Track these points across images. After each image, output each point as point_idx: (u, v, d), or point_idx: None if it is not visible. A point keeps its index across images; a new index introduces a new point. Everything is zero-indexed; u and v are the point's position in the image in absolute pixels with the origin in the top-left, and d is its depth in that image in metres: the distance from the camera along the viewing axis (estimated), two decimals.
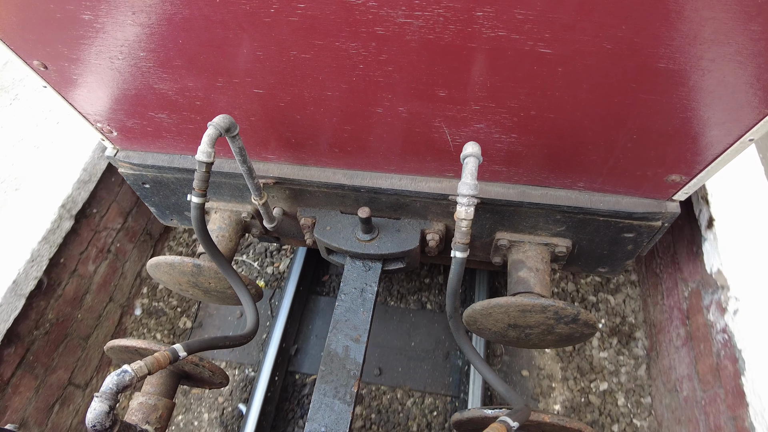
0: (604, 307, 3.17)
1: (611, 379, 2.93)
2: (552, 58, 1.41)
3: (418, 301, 3.32)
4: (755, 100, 1.44)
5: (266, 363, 2.96)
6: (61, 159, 2.83)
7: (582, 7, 1.26)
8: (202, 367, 1.90)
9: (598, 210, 1.98)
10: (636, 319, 3.09)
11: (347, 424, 1.86)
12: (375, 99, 1.69)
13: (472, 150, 1.62)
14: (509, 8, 1.29)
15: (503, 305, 1.94)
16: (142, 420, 1.80)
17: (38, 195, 2.69)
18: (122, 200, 3.20)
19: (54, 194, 2.70)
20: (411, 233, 2.22)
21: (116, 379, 1.32)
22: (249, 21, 1.46)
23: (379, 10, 1.35)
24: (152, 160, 2.25)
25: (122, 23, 1.54)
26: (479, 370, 1.91)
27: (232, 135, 1.77)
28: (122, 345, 1.88)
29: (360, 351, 2.03)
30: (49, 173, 2.78)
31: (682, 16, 1.23)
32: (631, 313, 3.12)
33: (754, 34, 1.24)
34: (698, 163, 1.74)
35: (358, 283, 2.21)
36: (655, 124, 1.59)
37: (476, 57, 1.45)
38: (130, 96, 1.89)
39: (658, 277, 2.90)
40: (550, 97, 1.55)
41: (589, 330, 2.00)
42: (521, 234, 2.20)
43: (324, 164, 2.13)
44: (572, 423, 1.76)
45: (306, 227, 2.34)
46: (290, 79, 1.67)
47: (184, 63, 1.68)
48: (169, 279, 2.29)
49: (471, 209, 1.60)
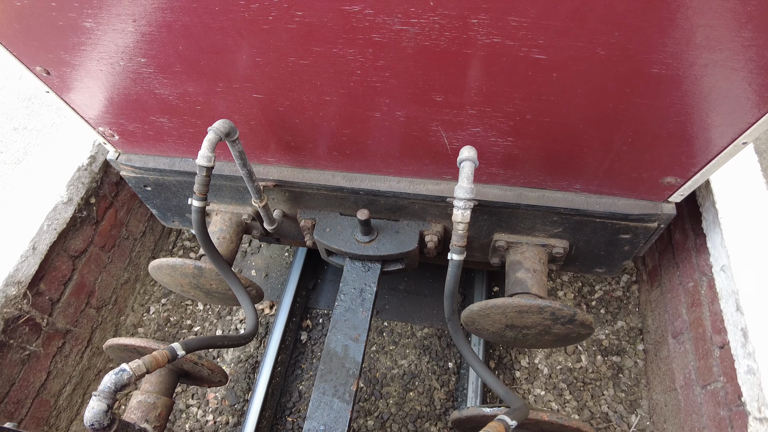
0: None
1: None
2: (546, 63, 1.43)
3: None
4: (747, 105, 1.45)
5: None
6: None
7: (575, 14, 1.27)
8: (201, 365, 1.93)
9: (594, 212, 2.00)
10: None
11: (346, 423, 1.89)
12: (373, 104, 1.71)
13: (469, 154, 1.64)
14: (504, 15, 1.31)
15: (500, 306, 1.96)
16: (141, 418, 1.83)
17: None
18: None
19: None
20: (409, 235, 2.25)
21: (114, 378, 1.35)
22: (248, 28, 1.49)
23: (375, 17, 1.37)
24: (154, 163, 2.27)
25: (123, 30, 1.56)
26: (477, 371, 1.93)
27: (232, 139, 1.79)
28: (121, 344, 1.91)
29: (359, 350, 2.06)
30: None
31: (674, 23, 1.25)
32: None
33: (745, 40, 1.26)
34: (693, 165, 1.76)
35: (357, 284, 2.23)
36: (650, 127, 1.61)
37: (472, 63, 1.47)
38: (131, 101, 1.92)
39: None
40: (545, 101, 1.57)
41: (586, 330, 2.02)
42: (519, 235, 2.22)
43: (323, 167, 2.15)
44: (570, 421, 1.78)
45: (306, 229, 2.36)
46: (289, 85, 1.69)
47: (185, 69, 1.70)
48: (171, 280, 2.32)
49: (467, 212, 1.62)
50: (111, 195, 2.95)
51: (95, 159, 2.76)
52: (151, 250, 3.43)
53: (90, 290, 2.88)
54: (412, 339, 3.13)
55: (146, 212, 3.32)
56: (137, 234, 3.25)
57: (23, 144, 2.92)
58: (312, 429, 1.88)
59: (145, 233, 3.34)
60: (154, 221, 3.43)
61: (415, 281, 3.36)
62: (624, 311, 3.15)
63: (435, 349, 3.07)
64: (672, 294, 2.70)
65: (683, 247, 2.61)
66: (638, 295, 3.21)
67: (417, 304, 3.27)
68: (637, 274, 3.26)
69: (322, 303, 3.33)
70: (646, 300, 3.08)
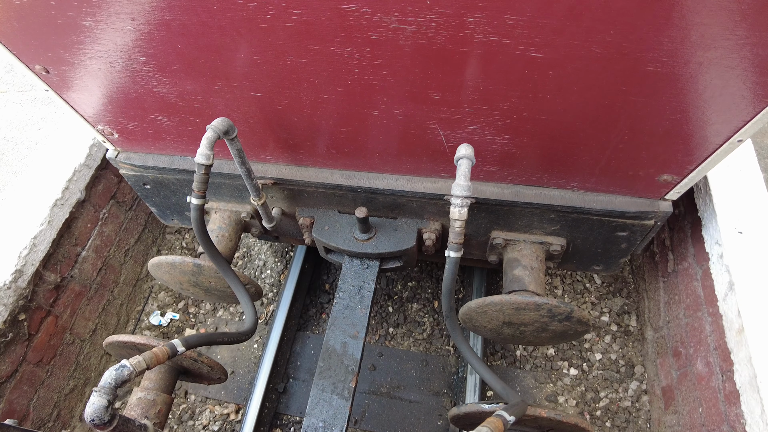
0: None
1: None
2: (543, 62, 1.44)
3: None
4: (743, 102, 1.46)
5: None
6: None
7: (571, 13, 1.28)
8: (201, 362, 1.94)
9: (591, 209, 2.01)
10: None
11: (345, 419, 1.90)
12: (370, 102, 1.72)
13: (465, 152, 1.65)
14: (500, 14, 1.32)
15: (498, 303, 1.97)
16: (141, 415, 1.83)
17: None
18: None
19: None
20: (408, 232, 2.26)
21: (115, 374, 1.36)
22: (246, 27, 1.49)
23: (372, 16, 1.38)
24: (153, 161, 2.28)
25: (122, 29, 1.57)
26: (475, 368, 1.94)
27: (230, 138, 1.80)
28: (121, 340, 1.92)
29: (358, 347, 2.07)
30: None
31: (669, 22, 1.25)
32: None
33: (740, 38, 1.26)
34: (689, 163, 1.77)
35: (356, 281, 2.25)
36: (646, 125, 1.62)
37: (469, 61, 1.48)
38: (130, 99, 1.92)
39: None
40: (541, 99, 1.58)
41: (583, 327, 2.03)
42: (516, 233, 2.23)
43: (322, 165, 2.16)
44: (568, 417, 1.79)
45: (305, 227, 2.37)
46: (287, 83, 1.70)
47: (183, 67, 1.71)
48: (170, 278, 2.33)
49: (464, 210, 1.63)
50: (48, 303, 2.65)
51: (22, 272, 2.44)
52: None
53: (22, 415, 2.57)
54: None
55: (96, 309, 3.01)
56: (86, 334, 2.95)
57: None
58: (311, 426, 1.89)
59: (96, 330, 3.02)
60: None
61: (400, 381, 2.96)
62: (633, 426, 2.75)
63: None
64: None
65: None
66: (649, 410, 2.78)
67: (402, 411, 2.84)
68: (648, 383, 2.85)
69: (294, 408, 2.91)
70: (658, 420, 2.64)
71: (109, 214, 3.06)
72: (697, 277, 2.37)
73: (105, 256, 3.07)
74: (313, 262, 3.44)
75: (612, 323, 3.09)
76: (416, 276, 3.35)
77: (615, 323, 3.09)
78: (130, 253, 3.31)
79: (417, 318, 3.20)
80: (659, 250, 2.85)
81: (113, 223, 3.12)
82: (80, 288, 2.89)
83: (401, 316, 3.21)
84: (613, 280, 3.22)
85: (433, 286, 3.31)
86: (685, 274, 2.49)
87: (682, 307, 2.49)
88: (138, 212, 3.35)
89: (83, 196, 2.81)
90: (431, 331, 3.16)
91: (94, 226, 2.97)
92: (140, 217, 3.38)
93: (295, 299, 3.19)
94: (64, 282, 2.76)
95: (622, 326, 3.07)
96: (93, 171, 2.85)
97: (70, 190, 2.70)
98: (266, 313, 3.31)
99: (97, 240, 2.98)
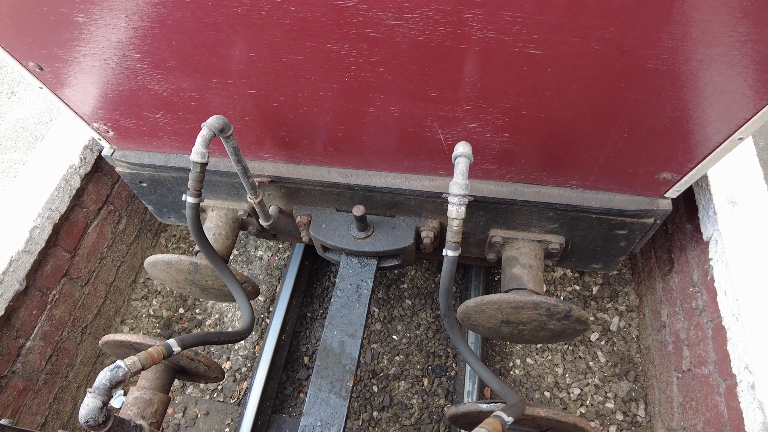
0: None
1: None
2: (541, 59, 1.42)
3: None
4: (743, 100, 1.45)
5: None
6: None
7: (570, 9, 1.26)
8: (197, 361, 1.93)
9: (590, 207, 2.00)
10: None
11: (342, 419, 1.89)
12: (367, 99, 1.70)
13: (463, 150, 1.63)
14: (498, 10, 1.30)
15: (496, 302, 1.96)
16: (137, 415, 1.83)
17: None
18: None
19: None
20: (405, 231, 2.24)
21: (109, 374, 1.35)
22: (241, 23, 1.47)
23: (369, 12, 1.36)
24: (149, 159, 2.26)
25: (115, 26, 1.55)
26: (473, 367, 1.93)
27: (226, 135, 1.78)
28: (117, 340, 1.91)
29: (356, 346, 2.06)
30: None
31: (669, 18, 1.24)
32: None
33: (742, 35, 1.25)
34: (689, 161, 1.75)
35: (353, 280, 2.23)
36: (645, 123, 1.60)
37: (466, 58, 1.46)
38: (125, 97, 1.91)
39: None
40: (540, 97, 1.56)
41: (582, 326, 2.02)
42: (515, 231, 2.22)
43: (319, 163, 2.14)
44: (567, 417, 1.78)
45: (302, 225, 2.36)
46: (283, 80, 1.68)
47: (178, 64, 1.69)
48: (167, 277, 2.32)
49: (462, 208, 1.62)
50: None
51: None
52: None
53: None
54: None
55: (45, 401, 2.60)
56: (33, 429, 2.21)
57: None
58: (308, 425, 1.88)
59: (47, 422, 2.62)
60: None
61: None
62: None
63: None
64: None
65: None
66: None
67: None
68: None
69: None
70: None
71: (60, 295, 2.65)
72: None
73: (56, 341, 2.67)
74: (290, 332, 3.07)
75: (617, 411, 2.72)
76: (404, 349, 3.04)
77: (620, 411, 2.72)
78: (88, 330, 2.90)
79: (404, 399, 2.89)
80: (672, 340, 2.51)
81: (66, 302, 2.71)
82: (24, 383, 2.48)
83: (387, 397, 2.89)
84: (619, 359, 2.85)
85: (422, 361, 2.99)
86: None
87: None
88: (97, 285, 2.92)
89: (23, 286, 2.38)
90: (420, 414, 2.84)
91: (41, 312, 2.55)
92: (100, 289, 2.95)
93: (270, 377, 2.83)
94: (3, 381, 2.37)
95: (629, 415, 2.70)
96: (35, 256, 2.42)
97: (5, 284, 2.29)
98: (238, 392, 2.94)
99: (45, 326, 2.58)
